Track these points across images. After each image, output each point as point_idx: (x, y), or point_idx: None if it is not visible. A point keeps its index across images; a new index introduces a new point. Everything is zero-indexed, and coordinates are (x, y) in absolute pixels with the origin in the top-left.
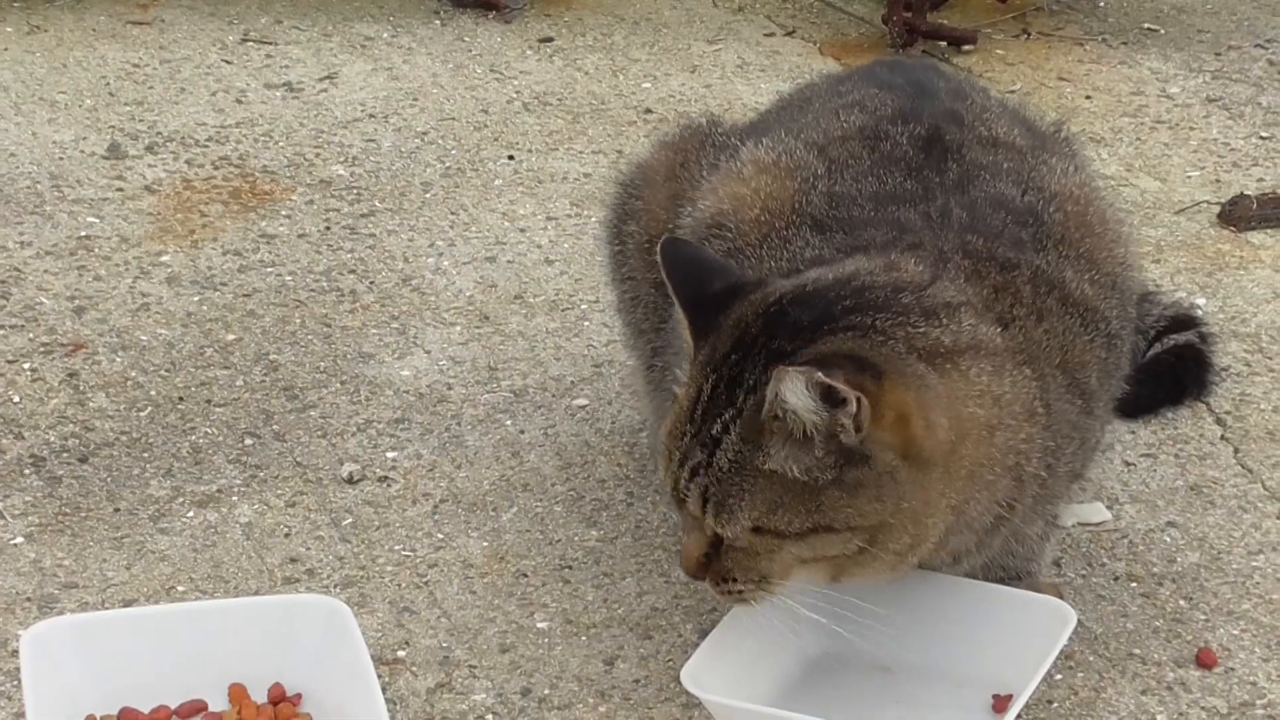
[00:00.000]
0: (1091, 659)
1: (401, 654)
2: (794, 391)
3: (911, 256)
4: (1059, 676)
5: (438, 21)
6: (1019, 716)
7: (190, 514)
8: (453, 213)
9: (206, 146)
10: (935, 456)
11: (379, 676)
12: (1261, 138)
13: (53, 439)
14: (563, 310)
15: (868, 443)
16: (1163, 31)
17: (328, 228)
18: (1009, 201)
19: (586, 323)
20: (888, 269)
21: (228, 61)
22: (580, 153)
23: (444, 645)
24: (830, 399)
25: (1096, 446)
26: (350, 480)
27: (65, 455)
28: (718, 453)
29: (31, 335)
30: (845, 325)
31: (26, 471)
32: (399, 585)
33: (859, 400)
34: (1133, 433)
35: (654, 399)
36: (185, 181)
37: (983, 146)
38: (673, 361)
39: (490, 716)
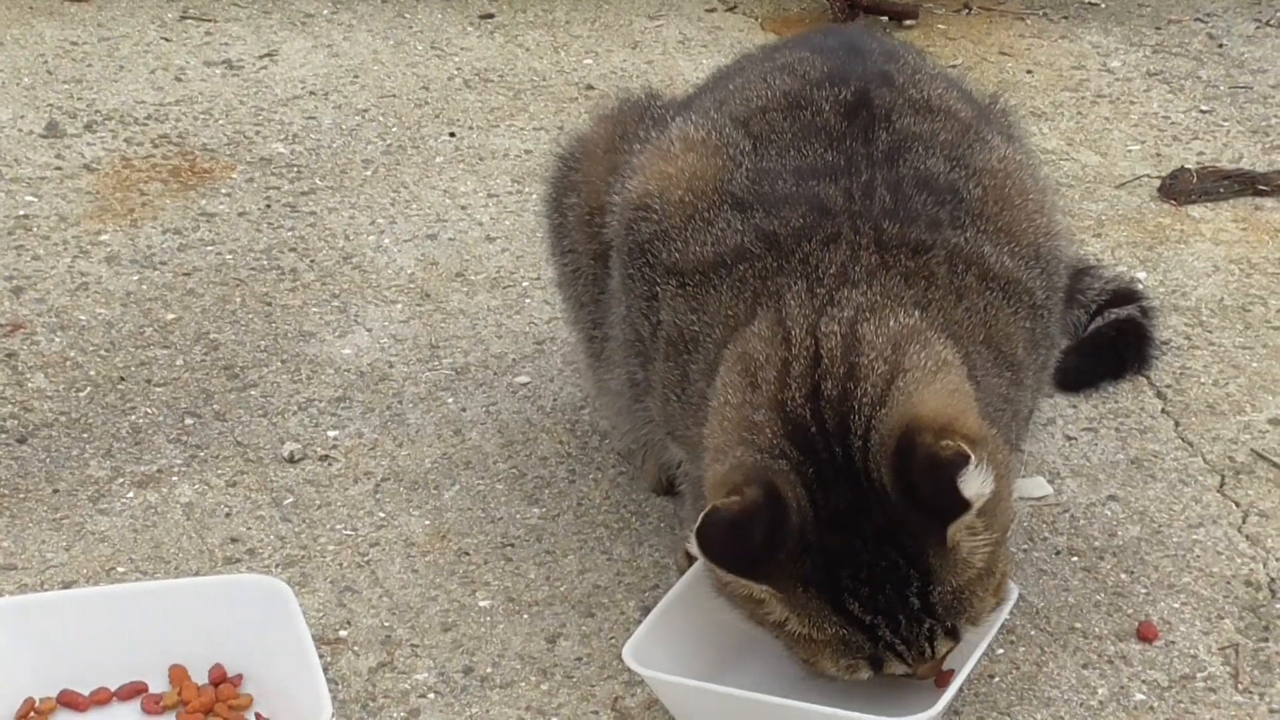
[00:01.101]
0: (1033, 633)
1: (343, 633)
2: (975, 482)
3: (826, 251)
4: (1000, 651)
5: None
6: (960, 691)
7: (130, 494)
8: (394, 190)
9: (146, 125)
10: (981, 432)
11: (320, 656)
12: (1201, 111)
13: None
14: (504, 288)
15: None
16: (1103, 6)
17: (268, 206)
18: (933, 179)
19: (528, 300)
20: (813, 335)
21: (166, 39)
22: (521, 129)
23: (386, 624)
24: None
25: (1030, 417)
26: (291, 459)
27: (3, 436)
28: (937, 608)
29: None
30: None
31: None
32: (340, 564)
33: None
34: (1074, 407)
35: (595, 372)
36: (124, 160)
37: (916, 112)
38: (610, 335)
39: (432, 695)
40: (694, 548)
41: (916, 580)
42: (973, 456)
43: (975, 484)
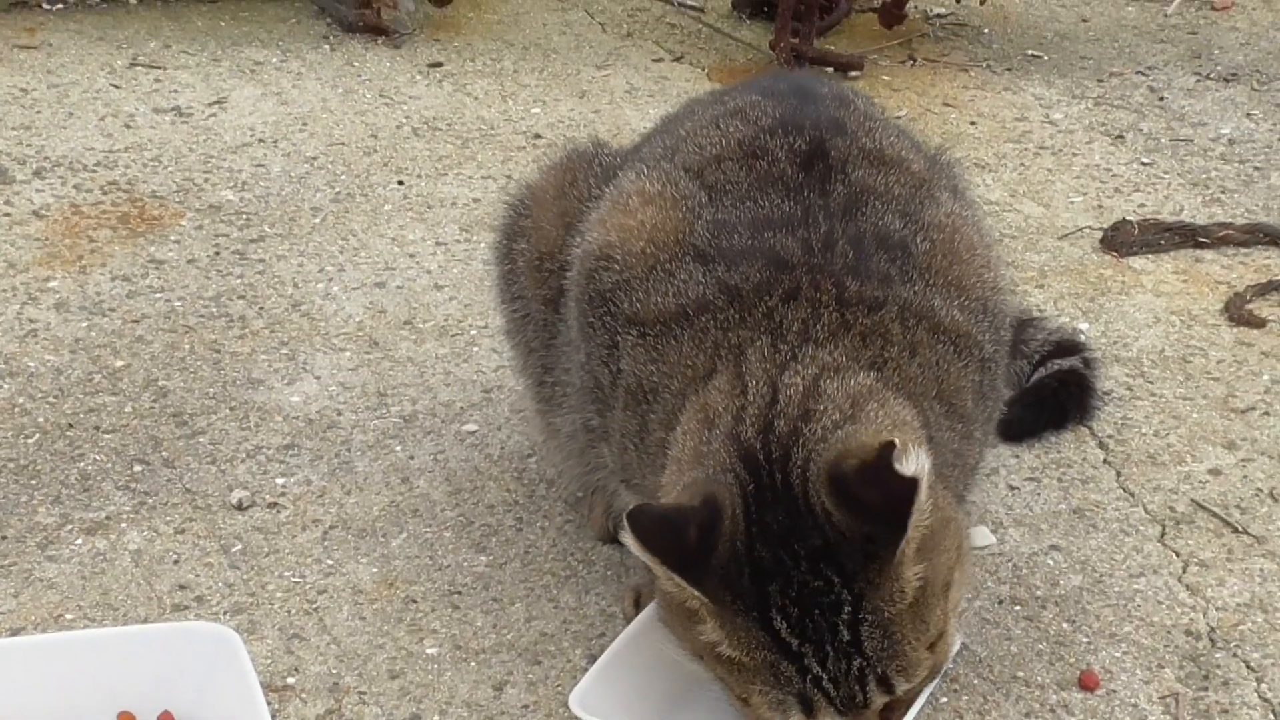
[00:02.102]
0: (976, 681)
1: (291, 681)
2: (911, 461)
3: (788, 307)
4: (944, 700)
5: (327, 46)
6: None
7: (78, 541)
8: (342, 238)
9: (95, 171)
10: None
11: (268, 703)
12: (1143, 163)
13: None
14: (452, 336)
15: None
16: (1046, 58)
17: (217, 253)
18: (889, 236)
19: (476, 348)
20: (772, 384)
21: (116, 86)
22: (470, 178)
23: (333, 672)
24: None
25: (977, 468)
26: (239, 507)
27: None
28: (865, 644)
29: None
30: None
31: None
32: (288, 612)
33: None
34: (1017, 457)
35: (544, 418)
36: (74, 206)
37: (870, 164)
38: (563, 381)
39: None
40: (627, 537)
41: (848, 606)
42: (897, 439)
43: (912, 461)
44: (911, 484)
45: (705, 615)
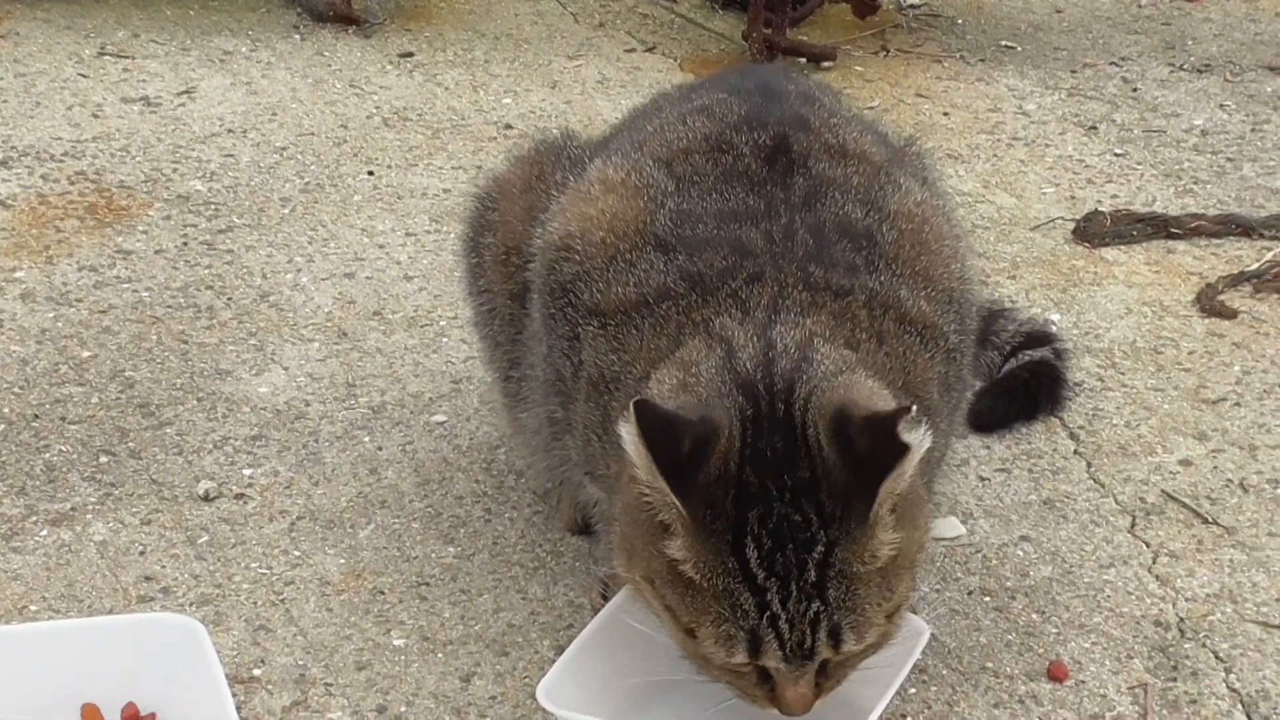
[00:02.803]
0: (945, 672)
1: (257, 672)
2: (915, 432)
3: (754, 287)
4: (913, 690)
5: (297, 36)
6: None
7: (44, 532)
8: (311, 229)
9: (62, 161)
10: None
11: (234, 695)
12: (1115, 154)
13: None
14: (421, 326)
15: None
16: (1020, 49)
17: (185, 243)
18: (852, 225)
19: (445, 339)
20: (762, 335)
21: (84, 75)
22: (440, 168)
23: (300, 663)
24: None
25: (942, 460)
26: (206, 498)
27: None
28: (829, 590)
29: None
30: (811, 402)
31: None
32: (255, 603)
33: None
34: (987, 448)
35: (512, 412)
36: (40, 197)
37: (831, 157)
38: (529, 375)
39: None
40: (628, 428)
41: (821, 546)
42: (915, 407)
43: (915, 434)
44: (904, 449)
45: (678, 530)
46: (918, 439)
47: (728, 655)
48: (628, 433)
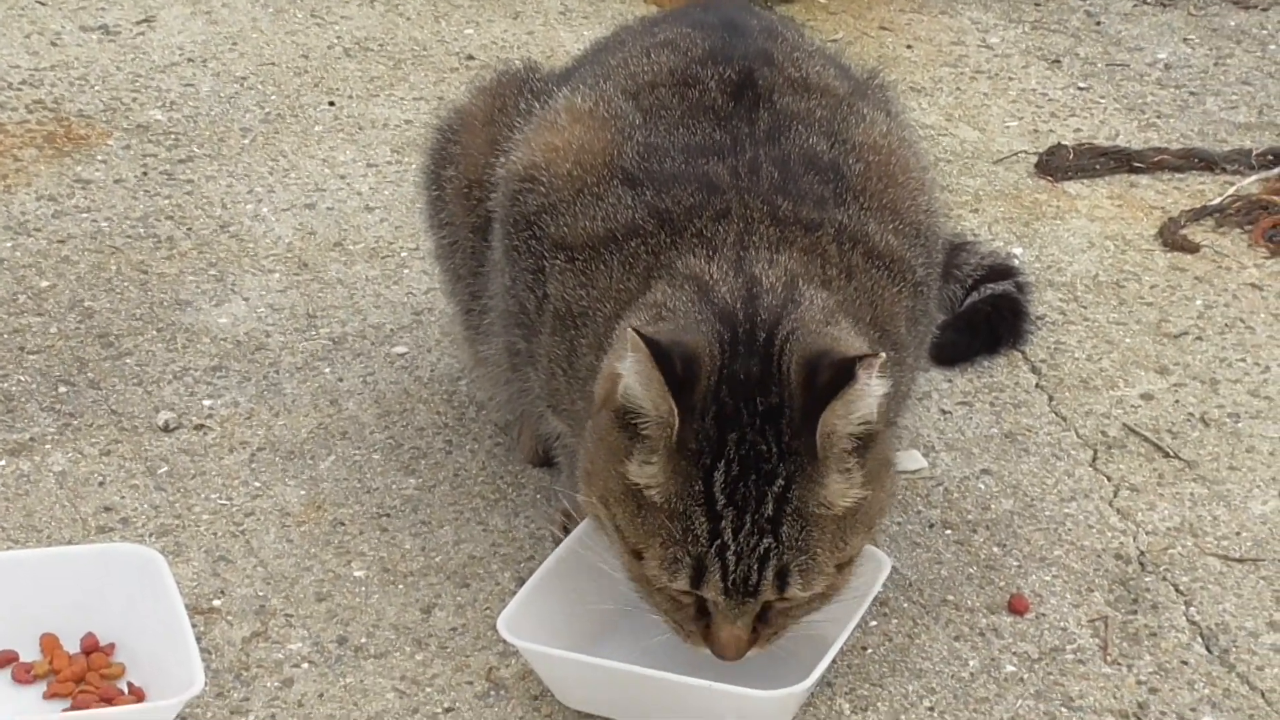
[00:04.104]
0: (906, 605)
1: (217, 603)
2: (860, 393)
3: (720, 224)
4: (874, 623)
5: None
6: (833, 663)
7: (2, 463)
8: (272, 159)
9: (20, 90)
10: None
11: (194, 626)
12: (1079, 88)
13: None
14: (383, 258)
15: (875, 420)
16: None
17: (145, 173)
18: (817, 157)
19: (406, 270)
20: (738, 269)
21: (42, 3)
22: (401, 99)
23: (260, 594)
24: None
25: (908, 394)
26: (166, 428)
27: None
28: (783, 527)
29: None
30: (789, 342)
31: None
32: (215, 534)
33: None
34: (949, 381)
35: (473, 344)
36: None
37: (795, 91)
38: (490, 306)
39: (306, 665)
40: (634, 354)
41: (781, 479)
42: (883, 355)
43: (870, 376)
44: (849, 378)
45: (656, 451)
46: (868, 380)
47: (670, 579)
48: (633, 358)
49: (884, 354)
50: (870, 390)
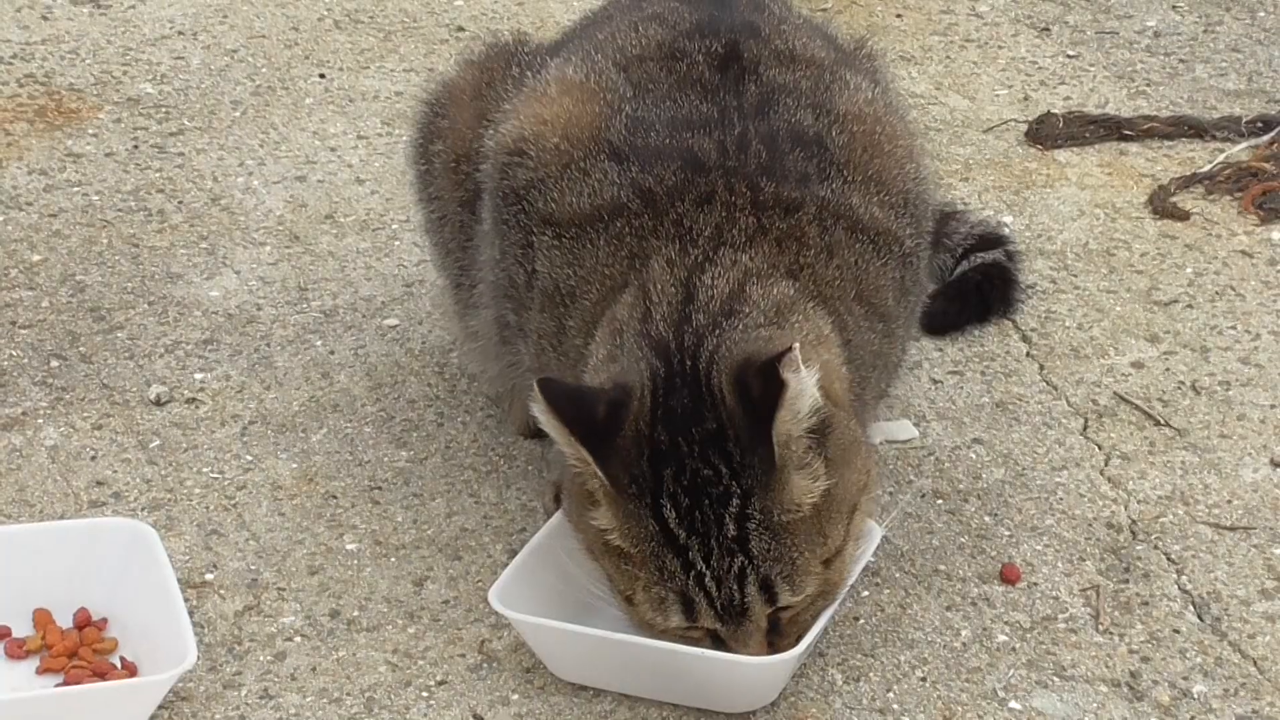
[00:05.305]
0: (897, 575)
1: (209, 577)
2: (798, 392)
3: (702, 212)
4: (865, 593)
5: None
6: (824, 632)
7: None
8: (263, 131)
9: (11, 64)
10: (844, 399)
11: (186, 600)
12: (1068, 56)
13: None
14: (373, 230)
15: (825, 404)
16: None
17: (136, 146)
18: (803, 131)
19: (397, 242)
20: (685, 284)
21: None
22: (392, 71)
23: (252, 567)
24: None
25: (900, 364)
26: (158, 402)
27: None
28: (751, 543)
29: None
30: (719, 352)
31: None
32: (207, 508)
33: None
34: (940, 350)
35: (463, 318)
36: None
37: (781, 63)
38: (480, 278)
39: (299, 638)
40: (538, 406)
41: (736, 499)
42: (797, 345)
43: (796, 372)
44: (781, 386)
45: (601, 498)
46: (800, 376)
47: (664, 620)
48: (537, 408)
49: (797, 343)
50: (804, 383)
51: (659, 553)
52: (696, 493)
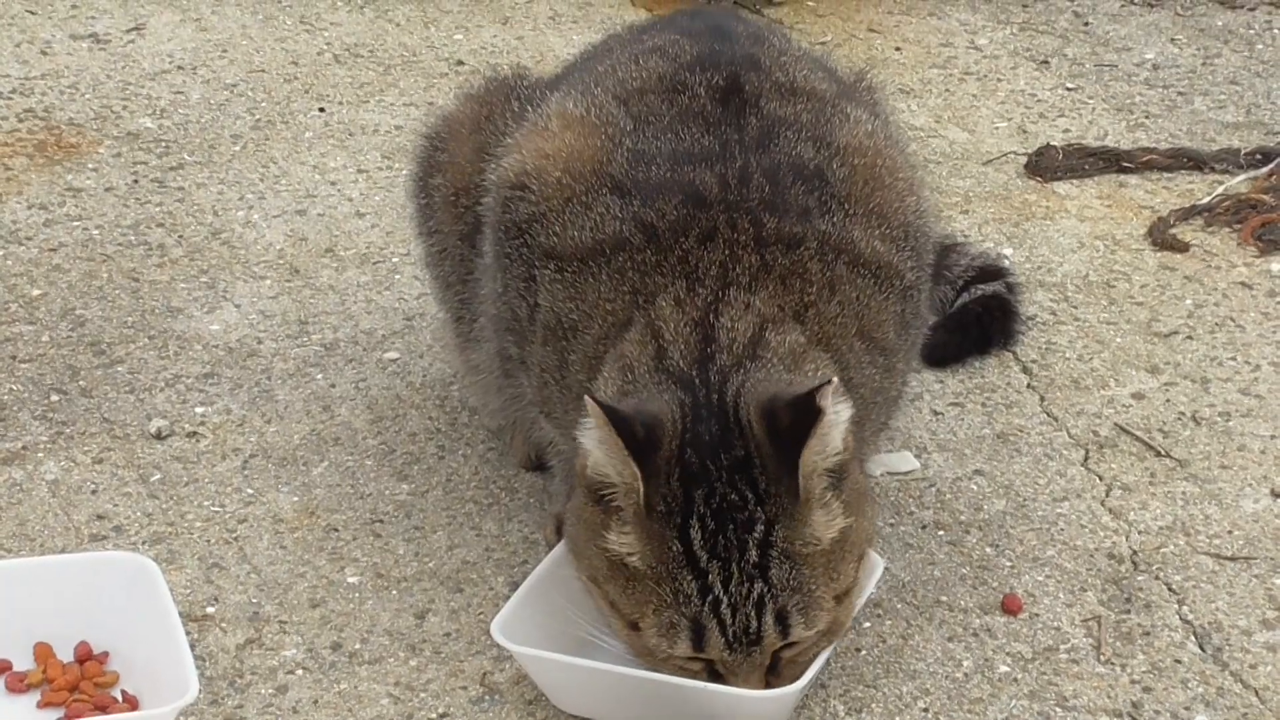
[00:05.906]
0: (899, 606)
1: (211, 610)
2: (831, 424)
3: (706, 249)
4: (867, 624)
5: None
6: (826, 665)
7: None
8: (263, 165)
9: (10, 99)
10: (853, 448)
11: (188, 633)
12: (1067, 89)
13: None
14: (374, 263)
15: (843, 450)
16: None
17: (135, 181)
18: (804, 165)
19: (398, 276)
20: (700, 325)
21: (32, 11)
22: (391, 105)
23: (254, 601)
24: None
25: (900, 398)
26: (158, 436)
27: None
28: (771, 571)
29: None
30: (744, 395)
31: None
32: (208, 541)
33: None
34: (941, 382)
35: (464, 351)
36: None
37: (782, 96)
38: (480, 312)
39: (300, 671)
40: (593, 423)
41: (761, 524)
42: (835, 379)
43: (832, 401)
44: (818, 413)
45: (629, 519)
46: (832, 405)
47: (670, 646)
48: (593, 426)
49: (835, 378)
50: (838, 417)
51: (677, 575)
52: (723, 516)
